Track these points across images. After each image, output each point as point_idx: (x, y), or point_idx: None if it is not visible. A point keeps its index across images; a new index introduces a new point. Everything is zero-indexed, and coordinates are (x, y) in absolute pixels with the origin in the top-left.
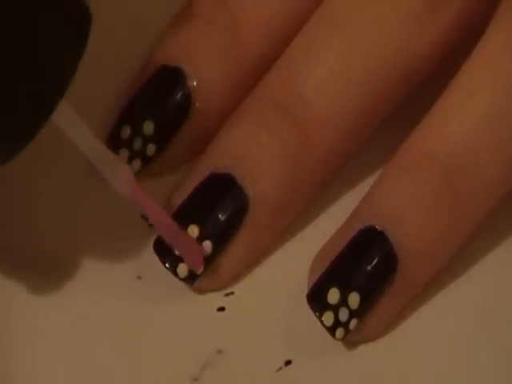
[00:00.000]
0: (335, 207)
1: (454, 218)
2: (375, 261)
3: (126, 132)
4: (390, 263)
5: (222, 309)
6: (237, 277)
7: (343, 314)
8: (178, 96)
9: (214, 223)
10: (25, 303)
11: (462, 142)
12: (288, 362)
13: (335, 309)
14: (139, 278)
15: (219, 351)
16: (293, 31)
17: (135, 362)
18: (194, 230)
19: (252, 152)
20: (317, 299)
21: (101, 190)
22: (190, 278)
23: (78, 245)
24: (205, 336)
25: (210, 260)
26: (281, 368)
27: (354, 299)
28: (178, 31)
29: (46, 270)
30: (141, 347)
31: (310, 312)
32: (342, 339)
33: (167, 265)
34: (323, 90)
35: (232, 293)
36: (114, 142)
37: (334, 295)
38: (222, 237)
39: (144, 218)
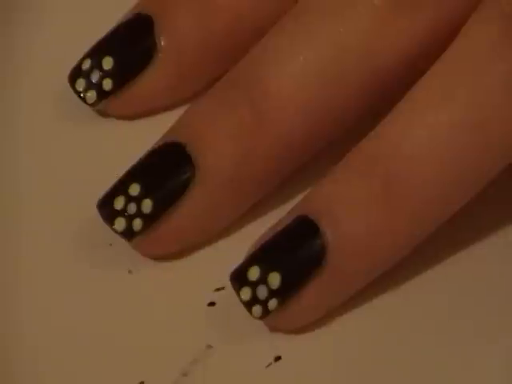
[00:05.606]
0: None
1: (388, 220)
2: (302, 248)
3: (87, 64)
4: (317, 254)
5: (212, 304)
6: (225, 271)
7: (262, 292)
8: (145, 41)
9: (159, 186)
10: (19, 299)
11: (409, 150)
12: (278, 358)
13: (254, 285)
14: (130, 272)
15: (209, 346)
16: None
17: (125, 356)
18: (135, 189)
19: (206, 125)
20: (237, 276)
21: (93, 187)
22: (128, 234)
23: (68, 239)
24: (194, 331)
25: (150, 219)
26: (270, 364)
27: (274, 279)
28: None
29: (37, 265)
30: (130, 341)
31: None
32: (261, 318)
33: (105, 220)
34: (285, 78)
35: (223, 288)
36: (76, 73)
37: (254, 272)
38: (165, 200)
39: None
